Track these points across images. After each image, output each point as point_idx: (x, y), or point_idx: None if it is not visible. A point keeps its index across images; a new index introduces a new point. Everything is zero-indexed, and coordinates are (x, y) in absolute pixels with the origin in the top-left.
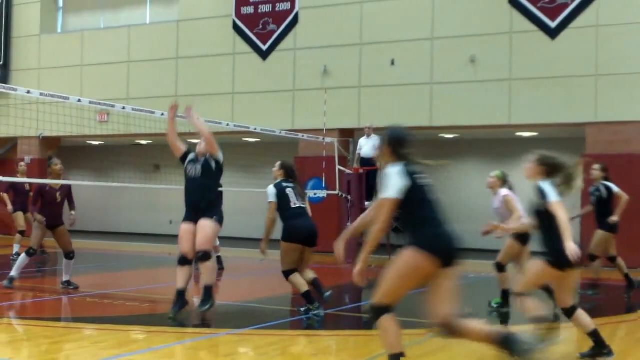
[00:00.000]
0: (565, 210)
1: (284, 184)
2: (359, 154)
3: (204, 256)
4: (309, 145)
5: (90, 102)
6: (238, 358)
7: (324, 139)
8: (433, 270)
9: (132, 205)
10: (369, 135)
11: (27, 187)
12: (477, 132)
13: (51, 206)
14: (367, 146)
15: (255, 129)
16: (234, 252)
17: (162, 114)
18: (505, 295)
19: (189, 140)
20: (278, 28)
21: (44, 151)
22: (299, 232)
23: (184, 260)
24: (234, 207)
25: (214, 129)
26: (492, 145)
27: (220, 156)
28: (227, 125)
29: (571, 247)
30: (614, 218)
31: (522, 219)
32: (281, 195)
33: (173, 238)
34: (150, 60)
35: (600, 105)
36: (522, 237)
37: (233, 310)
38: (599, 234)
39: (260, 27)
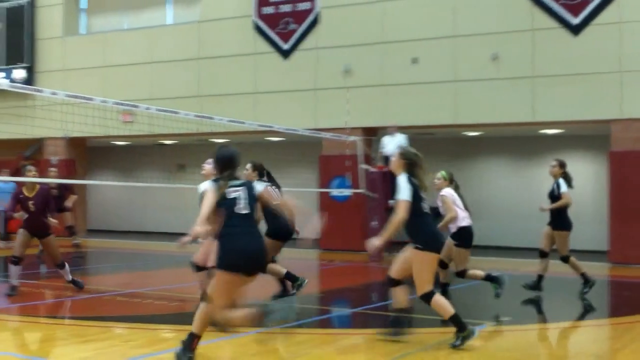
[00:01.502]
0: (406, 210)
1: (263, 183)
2: (382, 152)
3: (192, 266)
4: (332, 144)
5: (115, 103)
6: (266, 357)
7: (347, 137)
8: (242, 280)
9: (158, 205)
10: (392, 134)
11: (55, 192)
12: (501, 130)
13: (31, 215)
14: (390, 144)
15: (278, 128)
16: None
17: (186, 114)
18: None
19: (210, 140)
20: (299, 27)
21: (70, 152)
22: (283, 230)
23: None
24: None
25: (237, 129)
26: (516, 142)
27: None
28: (251, 124)
29: (374, 244)
30: (543, 206)
31: (461, 217)
32: None
33: None
34: (172, 61)
35: (626, 101)
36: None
37: (262, 308)
38: (556, 234)
39: (281, 26)
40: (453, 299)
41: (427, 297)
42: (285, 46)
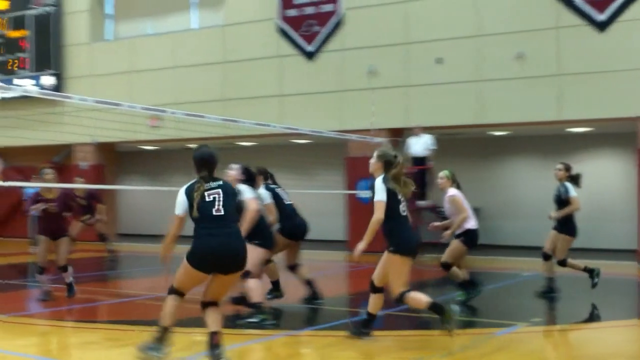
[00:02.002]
0: (383, 211)
1: (272, 186)
2: (409, 153)
3: (242, 275)
4: (358, 145)
5: (142, 108)
6: None
7: (373, 138)
8: (205, 276)
9: None
10: (418, 135)
11: (84, 202)
12: (527, 129)
13: (48, 217)
14: (416, 145)
15: (303, 130)
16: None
17: (212, 118)
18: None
19: (237, 143)
20: (323, 29)
21: (99, 157)
22: (300, 229)
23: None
24: None
25: (262, 131)
26: (543, 141)
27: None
28: (276, 127)
29: (358, 249)
30: (553, 214)
31: (470, 218)
32: (275, 195)
33: None
34: (197, 65)
35: None
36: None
37: (291, 311)
38: (560, 238)
39: (305, 28)
40: (484, 299)
41: (401, 298)
42: (310, 48)
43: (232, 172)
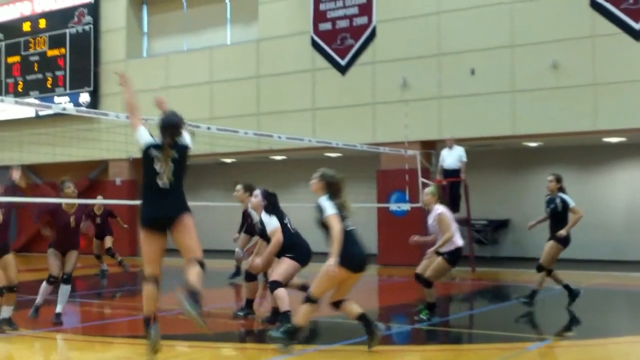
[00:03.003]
0: (338, 221)
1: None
2: (442, 165)
3: (271, 286)
4: (390, 158)
5: None
6: None
7: (405, 151)
8: (157, 237)
9: (217, 223)
10: (450, 147)
11: (99, 220)
12: (562, 139)
13: (64, 230)
14: (449, 157)
15: (337, 144)
16: (317, 267)
17: (246, 133)
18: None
19: (270, 157)
20: (356, 42)
21: (133, 172)
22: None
23: (247, 276)
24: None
25: (296, 145)
26: (578, 152)
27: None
28: (309, 141)
29: (331, 262)
30: (562, 232)
31: (455, 236)
32: (280, 218)
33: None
34: (232, 80)
35: None
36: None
37: (321, 325)
38: (551, 245)
39: (339, 42)
40: (515, 313)
41: (307, 300)
42: (343, 62)
43: (256, 199)
